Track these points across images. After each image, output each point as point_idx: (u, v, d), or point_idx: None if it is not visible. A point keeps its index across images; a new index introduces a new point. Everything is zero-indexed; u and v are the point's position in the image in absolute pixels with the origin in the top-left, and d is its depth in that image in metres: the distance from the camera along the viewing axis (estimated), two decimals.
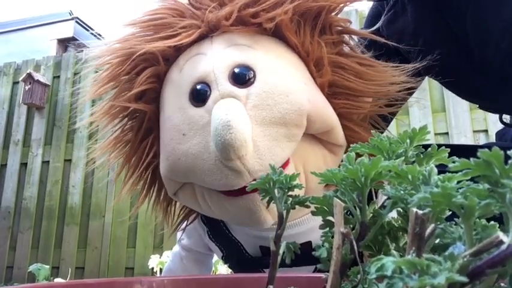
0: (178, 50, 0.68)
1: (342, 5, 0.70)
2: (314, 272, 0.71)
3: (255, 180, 0.58)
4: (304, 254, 0.36)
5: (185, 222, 0.83)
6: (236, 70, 0.63)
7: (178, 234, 0.90)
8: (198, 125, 0.62)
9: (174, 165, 0.64)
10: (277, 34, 0.68)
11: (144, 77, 0.68)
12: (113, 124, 0.75)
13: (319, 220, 0.34)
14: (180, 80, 0.67)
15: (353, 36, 0.76)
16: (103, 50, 0.72)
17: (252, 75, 0.63)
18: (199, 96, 0.64)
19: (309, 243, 0.69)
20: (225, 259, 0.82)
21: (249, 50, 0.66)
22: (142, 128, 0.72)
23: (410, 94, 0.88)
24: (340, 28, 0.72)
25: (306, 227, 0.70)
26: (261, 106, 0.60)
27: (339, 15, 0.72)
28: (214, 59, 0.64)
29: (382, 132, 0.77)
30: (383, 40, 0.74)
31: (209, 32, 0.68)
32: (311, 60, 0.68)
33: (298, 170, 0.64)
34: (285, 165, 0.63)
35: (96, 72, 0.74)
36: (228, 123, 0.55)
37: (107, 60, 0.71)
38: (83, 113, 0.83)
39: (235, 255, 0.79)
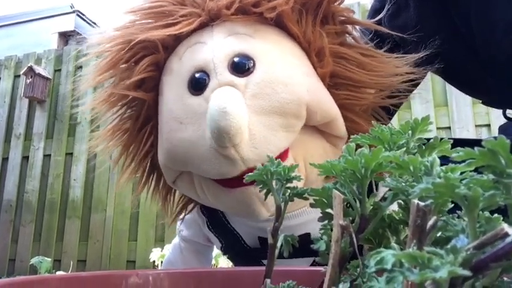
0: (178, 38, 0.68)
1: None
2: (312, 264, 0.71)
3: (248, 169, 0.58)
4: (302, 246, 0.35)
5: (184, 212, 0.82)
6: (236, 59, 0.62)
7: (178, 225, 0.89)
8: (195, 113, 0.62)
9: (171, 154, 0.65)
10: (279, 23, 0.67)
11: (144, 65, 0.67)
12: (111, 112, 0.75)
13: (318, 212, 0.33)
14: (180, 68, 0.66)
15: (356, 27, 0.75)
16: (102, 37, 0.71)
17: (251, 64, 0.62)
18: (198, 84, 0.63)
19: (308, 234, 0.69)
20: (224, 250, 0.82)
21: (250, 39, 0.65)
22: (141, 116, 0.71)
23: (415, 86, 0.86)
24: (343, 18, 0.71)
25: (304, 218, 0.69)
26: (260, 95, 0.60)
27: (341, 6, 0.71)
28: (214, 48, 0.64)
29: (384, 125, 0.76)
30: (386, 31, 0.72)
31: (209, 21, 0.67)
32: (312, 51, 0.67)
33: (297, 162, 0.63)
34: (283, 157, 0.62)
35: (97, 59, 0.73)
36: (224, 109, 0.55)
37: (106, 48, 0.70)
38: (83, 101, 0.82)
39: (234, 246, 0.79)
